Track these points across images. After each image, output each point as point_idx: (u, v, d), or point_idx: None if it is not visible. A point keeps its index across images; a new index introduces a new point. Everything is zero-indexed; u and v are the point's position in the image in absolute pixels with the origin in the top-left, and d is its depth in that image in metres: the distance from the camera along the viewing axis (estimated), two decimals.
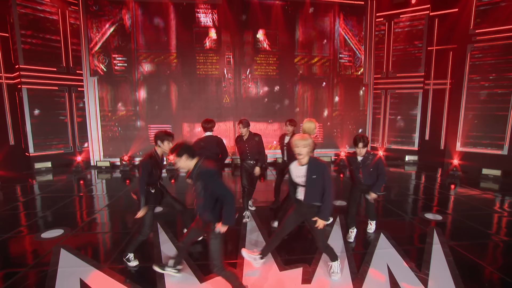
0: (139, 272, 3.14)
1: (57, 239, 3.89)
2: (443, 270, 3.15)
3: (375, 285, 2.91)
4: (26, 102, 7.90)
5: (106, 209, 5.21)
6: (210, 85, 8.88)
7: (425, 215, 4.76)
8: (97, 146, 8.56)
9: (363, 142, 3.55)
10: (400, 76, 9.27)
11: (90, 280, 2.98)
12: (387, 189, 6.48)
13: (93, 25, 8.21)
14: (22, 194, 6.07)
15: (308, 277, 3.03)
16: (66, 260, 3.37)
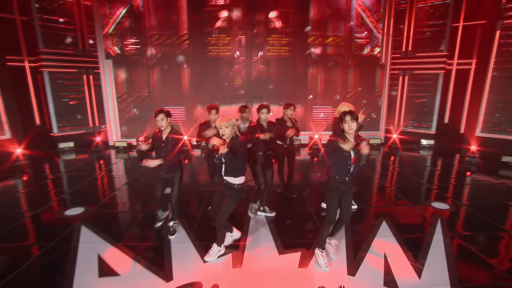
0: (149, 250, 3.44)
1: (79, 217, 4.26)
2: (439, 260, 3.21)
3: (368, 272, 3.03)
4: (48, 84, 8.29)
5: (125, 187, 5.58)
6: (222, 66, 8.85)
7: (431, 203, 4.73)
8: (114, 127, 8.94)
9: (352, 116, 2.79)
10: (420, 55, 8.77)
11: (106, 256, 3.30)
12: (399, 174, 6.42)
13: (105, 7, 8.26)
14: (49, 172, 6.57)
15: (305, 262, 3.20)
16: (86, 236, 3.73)
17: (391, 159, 7.75)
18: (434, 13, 8.37)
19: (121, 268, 3.11)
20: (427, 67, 8.74)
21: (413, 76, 9.04)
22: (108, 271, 3.06)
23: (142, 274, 3.00)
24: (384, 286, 2.83)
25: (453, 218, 4.26)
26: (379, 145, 9.16)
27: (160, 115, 3.56)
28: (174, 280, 2.91)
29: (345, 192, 3.01)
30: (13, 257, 3.28)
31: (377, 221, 4.12)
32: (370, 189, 5.48)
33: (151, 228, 3.98)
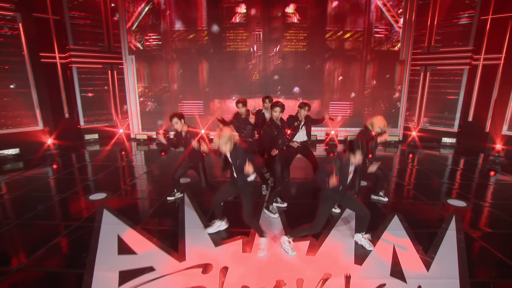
0: (165, 233, 3.65)
1: (102, 201, 4.58)
2: (450, 255, 3.17)
3: (376, 263, 3.05)
4: (76, 79, 8.82)
5: (144, 176, 5.89)
6: (239, 61, 8.98)
7: (447, 200, 4.63)
8: (136, 120, 9.35)
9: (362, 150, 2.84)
10: (443, 51, 8.45)
11: (125, 237, 3.55)
12: (417, 171, 6.29)
13: (130, 5, 8.63)
14: (76, 161, 7.04)
15: (313, 250, 3.27)
16: (108, 218, 4.00)
17: (409, 156, 7.57)
18: (460, 5, 8.01)
19: (138, 247, 3.33)
20: (451, 62, 8.41)
21: (435, 72, 8.73)
22: (126, 249, 3.29)
23: (157, 254, 3.21)
24: (391, 276, 2.85)
25: (470, 216, 4.15)
26: (397, 143, 8.95)
27: (174, 119, 4.16)
28: (187, 261, 3.09)
29: (342, 198, 3.13)
30: (44, 234, 3.61)
31: (388, 215, 4.10)
32: (386, 186, 5.42)
33: (168, 214, 4.21)
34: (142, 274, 2.87)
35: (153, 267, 2.98)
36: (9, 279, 2.82)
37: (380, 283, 2.75)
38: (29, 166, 6.53)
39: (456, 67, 8.36)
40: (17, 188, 5.17)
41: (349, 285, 2.71)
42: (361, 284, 2.74)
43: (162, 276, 2.85)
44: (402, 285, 2.73)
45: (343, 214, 4.12)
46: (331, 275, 2.85)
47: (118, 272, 2.91)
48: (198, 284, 2.73)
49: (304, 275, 2.85)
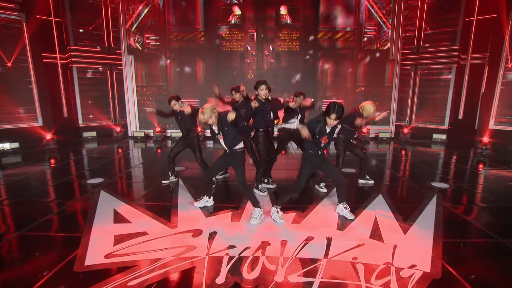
0: (159, 208, 3.88)
1: (99, 184, 4.81)
2: (427, 223, 3.41)
3: (357, 229, 3.28)
4: (75, 79, 9.17)
5: (140, 166, 6.14)
6: (234, 61, 9.37)
7: (431, 183, 4.87)
8: (134, 118, 9.65)
9: (337, 114, 3.09)
10: (432, 50, 8.86)
11: (121, 210, 3.77)
12: (406, 162, 6.55)
13: (129, 7, 9.09)
14: (74, 154, 7.29)
15: (299, 219, 3.50)
16: (105, 197, 4.23)
17: (401, 152, 7.84)
18: (446, 8, 8.48)
19: (133, 218, 3.55)
20: (440, 61, 8.80)
21: (425, 71, 9.12)
22: (121, 219, 3.52)
23: (151, 223, 3.43)
24: (370, 238, 3.08)
25: (450, 194, 4.40)
26: (389, 140, 9.25)
27: (172, 101, 4.65)
28: (178, 227, 3.32)
29: (321, 164, 3.37)
30: (44, 208, 3.84)
31: (373, 194, 4.34)
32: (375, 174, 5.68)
33: (162, 193, 4.46)
34: (136, 237, 3.10)
35: (146, 232, 3.20)
36: (12, 240, 3.04)
37: (358, 243, 2.98)
38: (28, 158, 6.77)
39: (445, 66, 8.76)
40: (18, 175, 5.41)
41: (330, 246, 2.93)
42: (341, 244, 2.96)
43: (155, 238, 3.08)
44: (379, 245, 2.96)
45: (329, 193, 4.36)
46: (314, 238, 3.08)
47: (113, 235, 3.13)
48: (188, 244, 2.96)
49: (288, 238, 3.07)
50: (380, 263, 2.64)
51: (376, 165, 6.30)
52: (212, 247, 2.90)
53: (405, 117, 9.61)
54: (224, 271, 2.52)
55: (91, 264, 2.64)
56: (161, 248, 2.87)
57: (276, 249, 2.86)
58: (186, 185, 4.73)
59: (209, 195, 3.91)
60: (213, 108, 3.30)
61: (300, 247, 2.89)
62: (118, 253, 2.81)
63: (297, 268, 2.56)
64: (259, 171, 4.35)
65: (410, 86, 9.41)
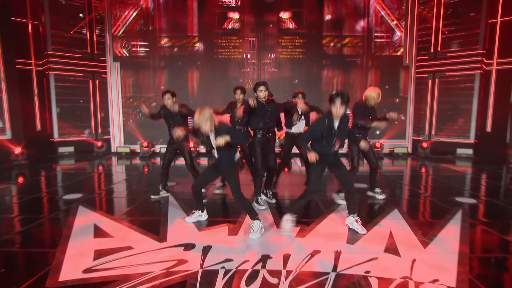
0: (146, 222, 3.95)
1: (77, 199, 4.90)
2: (451, 237, 3.48)
3: (370, 243, 3.35)
4: (52, 88, 9.46)
5: (123, 182, 6.25)
6: (232, 69, 9.75)
7: (456, 198, 4.97)
8: (118, 132, 9.86)
9: (342, 98, 3.24)
10: (451, 56, 9.25)
11: (102, 225, 3.84)
12: (427, 178, 6.66)
13: (116, 10, 9.61)
14: (46, 170, 7.39)
15: (303, 233, 3.58)
16: (83, 212, 4.31)
17: (421, 169, 7.95)
18: (465, 9, 8.90)
19: (116, 232, 3.62)
20: (461, 68, 9.12)
21: (445, 79, 9.46)
22: (103, 234, 3.59)
23: (137, 237, 3.50)
24: (384, 252, 3.15)
25: (477, 209, 4.49)
26: (406, 155, 9.41)
27: (167, 95, 4.76)
28: (168, 241, 3.38)
29: (333, 163, 3.54)
30: (9, 225, 3.92)
31: (388, 208, 4.44)
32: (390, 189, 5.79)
33: (149, 208, 4.57)
34: (120, 251, 3.16)
35: (131, 246, 3.27)
36: None
37: (372, 257, 3.04)
38: None
39: (467, 72, 9.08)
40: None
41: (339, 260, 2.99)
42: (352, 258, 3.02)
43: (141, 252, 3.14)
44: (395, 258, 3.02)
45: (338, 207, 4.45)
46: (320, 251, 3.15)
47: (93, 250, 3.19)
48: (179, 258, 3.02)
49: (291, 251, 3.14)
50: (396, 277, 2.70)
51: (391, 180, 6.41)
52: (206, 260, 2.96)
53: (423, 130, 9.84)
54: (219, 284, 2.58)
55: (67, 279, 2.69)
56: (149, 262, 2.93)
57: (278, 262, 2.92)
58: (177, 201, 4.82)
59: (201, 209, 4.00)
60: (211, 115, 3.42)
61: (306, 260, 2.96)
62: (99, 267, 2.87)
63: (302, 282, 2.61)
64: (257, 182, 4.47)
65: (428, 96, 9.71)
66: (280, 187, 5.53)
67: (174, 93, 4.84)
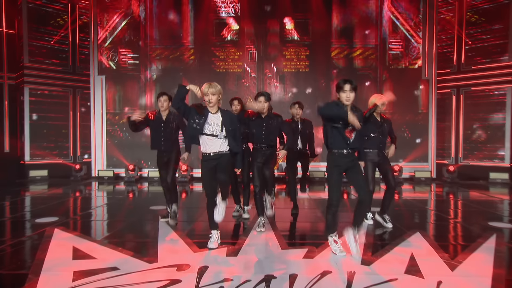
0: (133, 243, 4.06)
1: (52, 223, 4.99)
2: (484, 261, 3.54)
3: (388, 265, 3.43)
4: (26, 104, 9.76)
5: (104, 206, 6.37)
6: (230, 83, 10.14)
7: (489, 223, 5.06)
8: (100, 153, 10.05)
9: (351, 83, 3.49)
10: (477, 68, 9.63)
11: (82, 247, 3.93)
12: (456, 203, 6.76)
13: (103, 19, 10.14)
14: (14, 194, 7.51)
15: (311, 254, 3.67)
16: (60, 235, 4.40)
17: (449, 196, 8.04)
18: (490, 16, 9.37)
19: (99, 254, 3.70)
20: (489, 81, 9.46)
21: (471, 94, 9.78)
22: (83, 256, 3.66)
23: (123, 258, 3.58)
24: (405, 273, 3.22)
25: None
26: (429, 180, 9.52)
27: (164, 96, 4.92)
28: (158, 262, 3.46)
29: (350, 167, 3.65)
30: None
31: (409, 231, 4.53)
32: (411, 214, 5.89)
33: (137, 230, 4.69)
34: (103, 272, 3.23)
35: (117, 267, 3.34)
36: None
37: (390, 278, 3.12)
38: None
39: (496, 86, 9.41)
40: None
41: (353, 280, 3.07)
42: (368, 279, 3.09)
43: (128, 273, 3.21)
44: (418, 280, 3.09)
45: None
46: (331, 272, 3.23)
47: (72, 271, 3.26)
48: (172, 278, 3.10)
49: (298, 271, 3.22)
50: None
51: (411, 204, 6.51)
52: (202, 280, 3.03)
53: (448, 152, 10.02)
54: None
55: None
56: (137, 282, 3.00)
57: (284, 282, 3.00)
58: None
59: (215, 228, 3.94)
60: (221, 91, 3.75)
61: (315, 281, 3.03)
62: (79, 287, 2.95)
63: None
64: (256, 199, 4.60)
65: (453, 113, 9.99)
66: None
67: (171, 97, 4.80)
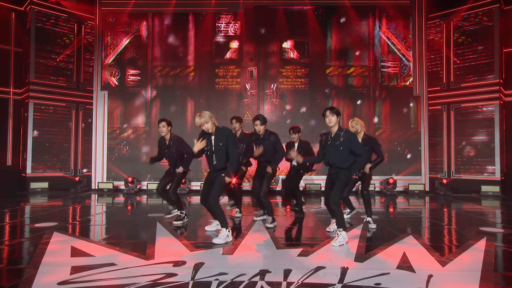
0: (130, 244, 4.05)
1: (51, 227, 4.98)
2: (473, 258, 3.58)
3: (380, 261, 3.45)
4: (31, 119, 9.86)
5: (102, 214, 6.37)
6: (230, 101, 10.30)
7: (480, 228, 5.08)
8: (101, 166, 10.07)
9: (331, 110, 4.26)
10: (465, 86, 9.86)
11: (80, 246, 3.92)
12: (449, 213, 6.77)
13: (108, 37, 10.41)
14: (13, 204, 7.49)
15: (306, 253, 3.68)
16: (58, 237, 4.39)
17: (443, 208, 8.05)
18: (477, 37, 9.71)
19: (96, 252, 3.70)
20: (477, 98, 9.67)
21: (461, 111, 9.96)
22: (81, 253, 3.66)
23: (120, 256, 3.58)
24: (397, 268, 3.23)
25: (506, 237, 4.60)
26: (423, 193, 9.54)
27: (162, 123, 5.46)
28: (155, 259, 3.46)
29: (334, 175, 4.27)
30: None
31: (401, 234, 4.54)
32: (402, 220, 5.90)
33: (134, 232, 4.74)
34: (100, 267, 3.23)
35: (114, 263, 3.34)
36: None
37: (383, 272, 3.12)
38: None
39: (484, 103, 9.61)
40: None
41: (346, 274, 3.07)
42: (360, 273, 3.10)
43: (125, 268, 3.21)
44: (409, 274, 3.10)
45: None
46: (325, 267, 3.23)
47: (70, 266, 3.25)
48: (168, 272, 3.10)
49: (292, 267, 3.23)
50: None
51: (407, 213, 6.52)
52: (198, 274, 3.04)
53: (441, 166, 10.11)
54: None
55: None
56: (133, 275, 3.00)
57: (278, 276, 3.00)
58: (166, 227, 4.95)
59: (225, 226, 4.15)
60: (211, 115, 4.07)
61: (309, 274, 3.04)
62: (76, 280, 2.93)
63: None
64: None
65: (444, 129, 10.14)
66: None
67: (170, 122, 5.46)
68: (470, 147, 9.82)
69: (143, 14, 10.45)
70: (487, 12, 9.58)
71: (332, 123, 4.23)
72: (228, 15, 10.41)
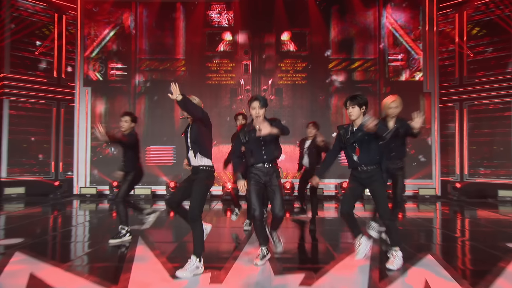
0: (102, 270, 3.58)
1: (15, 245, 4.45)
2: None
3: None
4: (6, 117, 9.29)
5: (81, 225, 5.86)
6: (223, 97, 9.80)
7: (506, 244, 4.63)
8: (83, 170, 9.56)
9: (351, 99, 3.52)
10: (480, 82, 9.39)
11: (42, 274, 3.39)
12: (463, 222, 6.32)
13: (91, 29, 9.84)
14: None
15: (309, 281, 3.21)
16: (19, 259, 3.88)
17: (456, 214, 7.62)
18: (492, 30, 9.20)
19: (58, 282, 3.19)
20: (492, 95, 9.19)
21: (475, 108, 9.49)
22: (38, 284, 3.16)
23: (86, 286, 3.09)
24: None
25: None
26: (434, 198, 9.11)
27: (125, 117, 5.03)
28: None
29: (368, 182, 3.56)
30: None
31: (419, 254, 4.08)
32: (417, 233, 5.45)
33: (109, 252, 4.27)
34: None
35: None
36: None
37: None
38: None
39: (500, 100, 9.13)
40: None
41: None
42: None
43: None
44: None
45: None
46: None
47: None
48: None
49: None
50: None
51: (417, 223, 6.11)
52: None
53: (453, 168, 9.68)
54: None
55: None
56: None
57: None
58: (148, 245, 4.46)
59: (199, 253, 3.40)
60: (199, 102, 3.80)
61: None
62: None
63: None
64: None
65: (456, 128, 9.67)
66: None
67: (135, 119, 5.11)
68: (484, 148, 9.35)
69: (127, 3, 9.90)
70: (503, 1, 9.07)
71: (354, 116, 3.51)
72: (219, 3, 9.89)
